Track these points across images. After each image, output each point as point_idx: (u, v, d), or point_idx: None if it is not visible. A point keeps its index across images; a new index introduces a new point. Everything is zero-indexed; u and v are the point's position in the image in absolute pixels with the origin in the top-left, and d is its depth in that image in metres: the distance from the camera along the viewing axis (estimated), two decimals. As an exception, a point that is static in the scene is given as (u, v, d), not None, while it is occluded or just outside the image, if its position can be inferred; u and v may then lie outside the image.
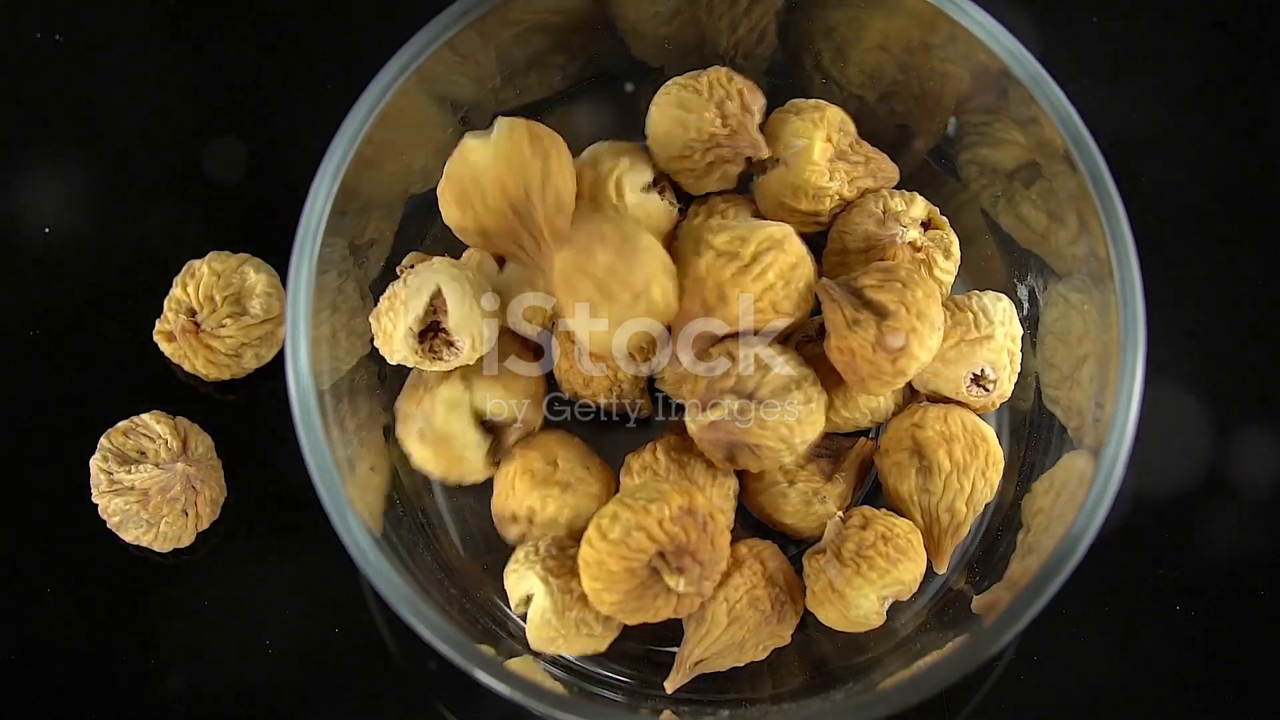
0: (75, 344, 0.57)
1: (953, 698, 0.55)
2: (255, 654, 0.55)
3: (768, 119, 0.52)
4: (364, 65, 0.48)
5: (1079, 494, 0.45)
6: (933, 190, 0.53)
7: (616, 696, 0.51)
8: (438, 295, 0.49)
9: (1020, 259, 0.53)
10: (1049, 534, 0.47)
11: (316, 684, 0.56)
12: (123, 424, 0.55)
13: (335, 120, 0.47)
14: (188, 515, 0.54)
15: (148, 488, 0.53)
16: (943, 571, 0.51)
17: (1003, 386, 0.51)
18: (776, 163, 0.52)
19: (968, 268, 0.53)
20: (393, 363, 0.50)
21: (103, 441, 0.54)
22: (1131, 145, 0.59)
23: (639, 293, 0.47)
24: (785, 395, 0.48)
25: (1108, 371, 0.46)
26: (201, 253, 0.55)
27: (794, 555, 0.52)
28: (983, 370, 0.51)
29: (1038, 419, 0.53)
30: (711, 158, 0.51)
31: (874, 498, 0.53)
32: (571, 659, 0.51)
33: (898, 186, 0.53)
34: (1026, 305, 0.53)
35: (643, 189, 0.52)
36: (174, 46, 0.60)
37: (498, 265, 0.52)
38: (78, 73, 0.59)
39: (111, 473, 0.54)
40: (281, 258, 0.47)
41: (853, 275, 0.49)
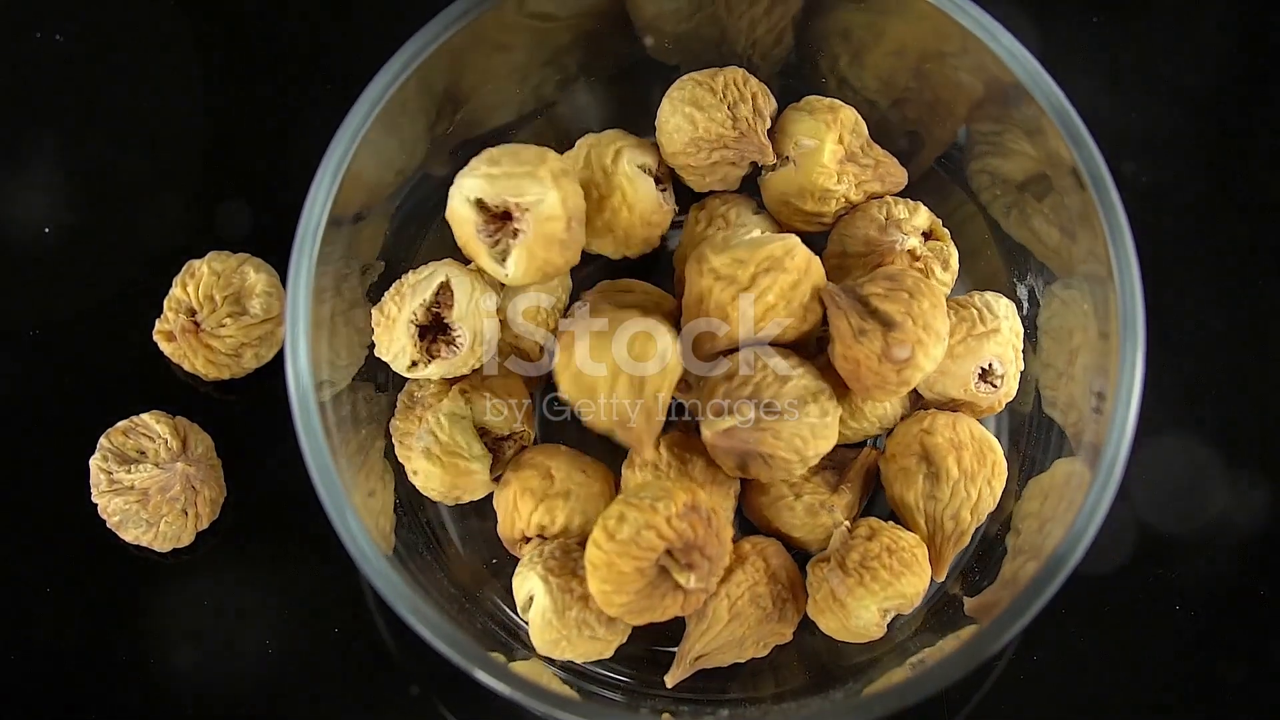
0: (75, 344, 0.57)
1: (953, 698, 0.55)
2: (255, 654, 0.55)
3: (781, 113, 0.52)
4: (364, 65, 0.48)
5: (1078, 494, 0.45)
6: (938, 198, 0.54)
7: (616, 696, 0.51)
8: (444, 289, 0.49)
9: (1020, 261, 0.53)
10: (1042, 535, 0.47)
11: (316, 684, 0.56)
12: (123, 424, 0.55)
13: (335, 120, 0.47)
14: (188, 515, 0.54)
15: (148, 487, 0.53)
16: (941, 579, 0.51)
17: (1009, 384, 0.52)
18: (786, 160, 0.52)
19: (968, 270, 0.54)
20: (388, 357, 0.50)
21: (103, 441, 0.54)
22: (1130, 146, 0.59)
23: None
24: (802, 406, 0.48)
25: (1105, 364, 0.46)
26: (201, 253, 0.55)
27: (798, 554, 0.52)
28: (990, 365, 0.51)
29: (1036, 428, 0.53)
30: (716, 158, 0.51)
31: (872, 505, 0.53)
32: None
33: (903, 193, 0.53)
34: (1026, 305, 0.53)
35: (640, 166, 0.52)
36: (174, 46, 0.60)
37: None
38: (78, 72, 0.59)
39: (111, 472, 0.54)
40: (281, 258, 0.47)
41: (858, 281, 0.49)
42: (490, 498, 0.52)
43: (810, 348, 0.50)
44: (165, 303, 0.55)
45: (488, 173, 0.48)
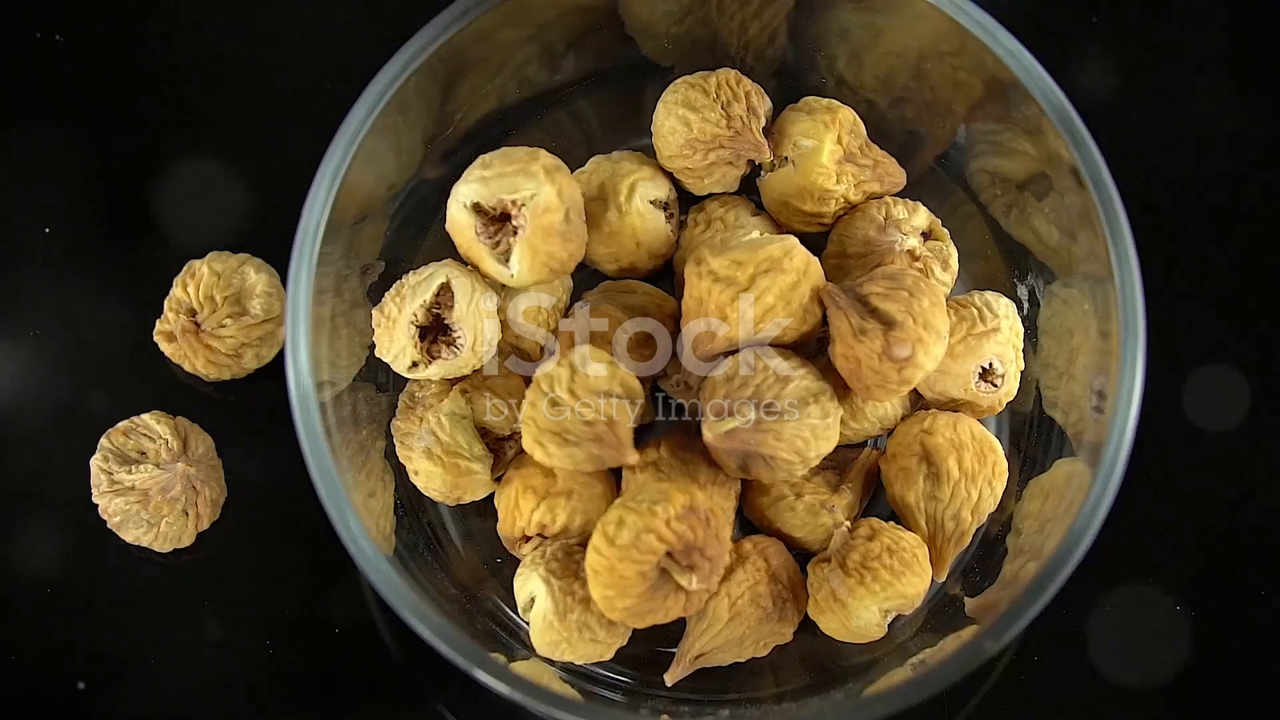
0: (75, 344, 0.57)
1: (953, 698, 0.55)
2: (255, 654, 0.55)
3: (779, 114, 0.52)
4: (364, 65, 0.48)
5: (1079, 494, 0.45)
6: (938, 198, 0.53)
7: (616, 696, 0.51)
8: (445, 289, 0.49)
9: (1020, 261, 0.53)
10: (1042, 535, 0.47)
11: (316, 684, 0.55)
12: (123, 424, 0.55)
13: (335, 120, 0.47)
14: (188, 515, 0.54)
15: (148, 488, 0.53)
16: (942, 580, 0.51)
17: (1009, 383, 0.51)
18: (785, 160, 0.52)
19: (968, 270, 0.53)
20: (388, 358, 0.50)
21: (103, 441, 0.54)
22: (1131, 146, 0.59)
23: None
24: (803, 407, 0.48)
25: (1106, 363, 0.46)
26: (201, 253, 0.55)
27: (798, 554, 0.52)
28: (990, 364, 0.51)
29: (1036, 428, 0.53)
30: (713, 158, 0.51)
31: (872, 505, 0.53)
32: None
33: (903, 193, 0.53)
34: (1026, 305, 0.53)
35: (652, 201, 0.52)
36: (173, 45, 0.60)
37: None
38: (77, 71, 0.59)
39: (111, 473, 0.54)
40: (281, 258, 0.47)
41: (858, 281, 0.49)
42: (491, 498, 0.52)
43: (810, 348, 0.50)
44: (165, 303, 0.55)
45: (481, 176, 0.48)
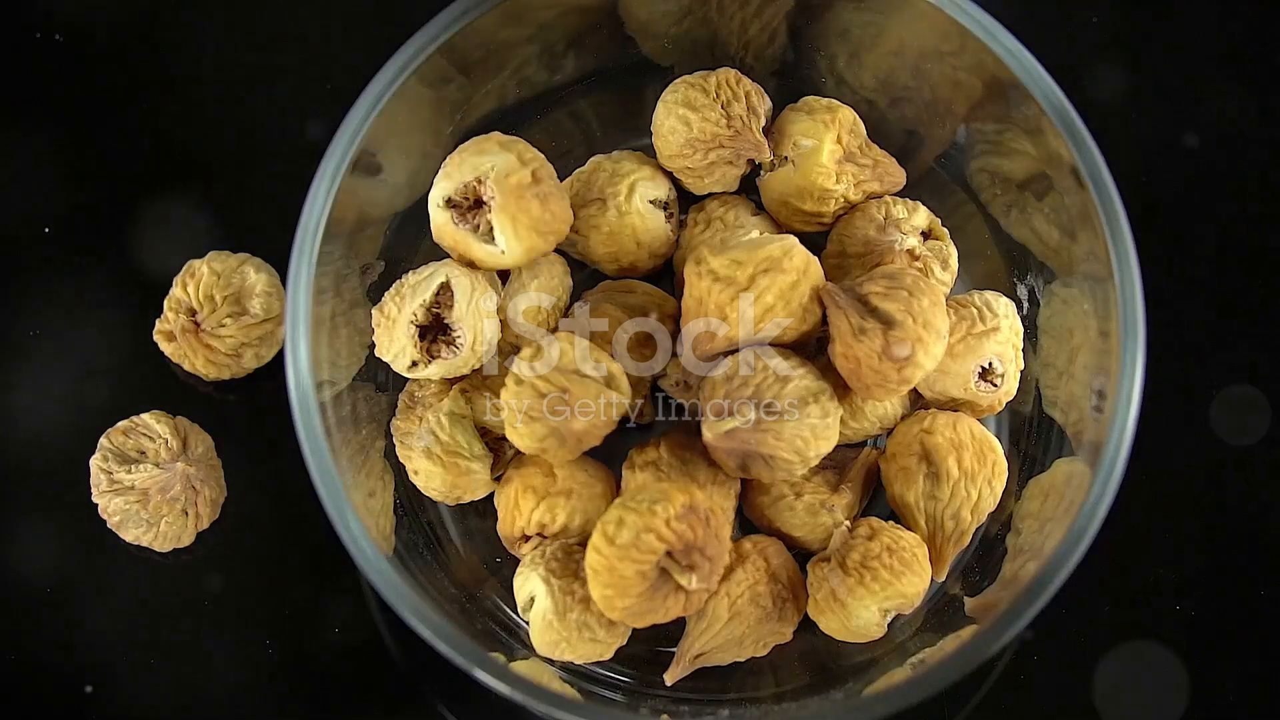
0: (75, 344, 0.57)
1: (953, 698, 0.55)
2: (255, 654, 0.55)
3: (779, 114, 0.52)
4: (364, 65, 0.48)
5: (1079, 494, 0.45)
6: (938, 198, 0.53)
7: (616, 696, 0.51)
8: (444, 289, 0.49)
9: (1020, 261, 0.53)
10: (1042, 535, 0.47)
11: (316, 684, 0.55)
12: (123, 424, 0.55)
13: (335, 120, 0.47)
14: (188, 515, 0.54)
15: (148, 487, 0.53)
16: (942, 579, 0.51)
17: (1009, 383, 0.52)
18: (785, 160, 0.52)
19: (968, 270, 0.53)
20: (388, 358, 0.50)
21: (103, 441, 0.54)
22: (1132, 146, 0.59)
23: None
24: (803, 407, 0.48)
25: (1105, 363, 0.46)
26: (201, 253, 0.55)
27: (798, 553, 0.52)
28: (990, 363, 0.51)
29: (1036, 428, 0.53)
30: (713, 158, 0.51)
31: (872, 505, 0.53)
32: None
33: (903, 193, 0.53)
34: (1026, 305, 0.53)
35: (652, 201, 0.52)
36: (173, 45, 0.60)
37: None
38: (77, 71, 0.59)
39: (111, 472, 0.54)
40: (281, 258, 0.47)
41: (857, 280, 0.49)
42: (490, 498, 0.52)
43: (810, 348, 0.50)
44: (165, 303, 0.55)
45: (445, 173, 0.49)
